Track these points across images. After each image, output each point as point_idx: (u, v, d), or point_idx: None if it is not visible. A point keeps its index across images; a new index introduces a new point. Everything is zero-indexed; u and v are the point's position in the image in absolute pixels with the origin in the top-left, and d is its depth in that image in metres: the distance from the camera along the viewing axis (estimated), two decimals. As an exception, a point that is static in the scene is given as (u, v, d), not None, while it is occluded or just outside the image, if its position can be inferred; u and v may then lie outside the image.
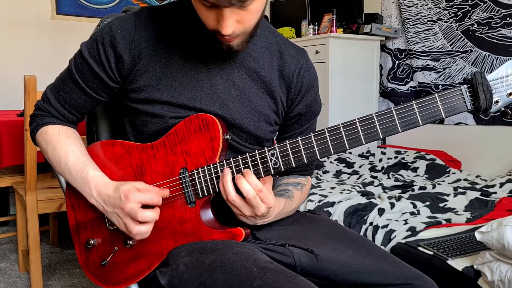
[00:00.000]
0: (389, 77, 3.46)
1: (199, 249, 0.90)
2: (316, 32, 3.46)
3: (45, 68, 3.32)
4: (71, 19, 3.58)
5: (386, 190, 2.33)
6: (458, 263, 1.48)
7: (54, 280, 2.30)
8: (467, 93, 0.81)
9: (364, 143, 0.85)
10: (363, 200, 2.09)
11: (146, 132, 0.99)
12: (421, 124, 0.82)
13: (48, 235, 2.86)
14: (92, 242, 1.01)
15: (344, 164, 3.01)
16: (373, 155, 3.14)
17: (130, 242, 0.98)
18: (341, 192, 2.24)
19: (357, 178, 2.70)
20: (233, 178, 0.91)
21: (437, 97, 0.81)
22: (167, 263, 0.93)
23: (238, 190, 0.91)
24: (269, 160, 0.90)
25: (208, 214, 0.96)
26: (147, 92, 0.96)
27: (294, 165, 0.89)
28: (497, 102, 0.80)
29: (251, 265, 0.83)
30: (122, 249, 0.99)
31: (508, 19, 2.70)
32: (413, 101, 0.82)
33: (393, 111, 0.83)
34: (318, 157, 0.87)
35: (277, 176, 1.18)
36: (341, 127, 0.86)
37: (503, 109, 0.82)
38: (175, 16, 1.00)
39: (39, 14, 3.47)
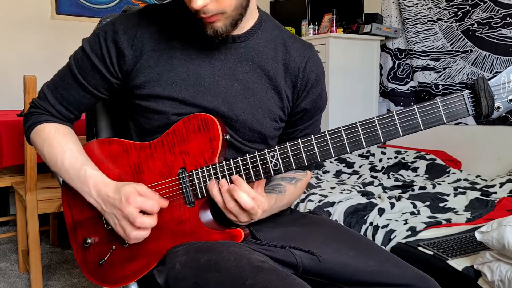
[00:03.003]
0: (389, 77, 3.46)
1: (196, 249, 0.90)
2: (316, 32, 3.46)
3: (45, 68, 3.31)
4: (71, 19, 3.58)
5: (386, 190, 2.33)
6: (458, 263, 1.48)
7: (54, 280, 2.30)
8: (469, 98, 0.81)
9: (365, 146, 0.85)
10: (363, 200, 2.09)
11: (148, 129, 0.99)
12: (422, 128, 0.82)
13: (48, 235, 2.86)
14: (89, 241, 1.01)
15: (344, 164, 3.01)
16: (373, 155, 3.14)
17: (128, 242, 0.97)
18: (341, 192, 2.24)
19: (357, 178, 2.70)
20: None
21: (439, 102, 0.81)
22: (164, 262, 0.93)
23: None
24: (269, 162, 0.89)
25: (207, 215, 0.96)
26: (149, 87, 0.96)
27: (294, 167, 0.89)
28: (498, 108, 0.80)
29: (245, 264, 0.82)
30: (120, 248, 0.99)
31: (508, 19, 2.70)
32: (415, 106, 0.82)
33: (395, 115, 0.83)
34: (319, 160, 0.87)
35: None
36: (342, 130, 0.85)
37: (504, 115, 0.83)
38: (177, 13, 1.00)
39: (39, 14, 3.47)
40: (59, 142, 0.99)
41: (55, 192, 2.15)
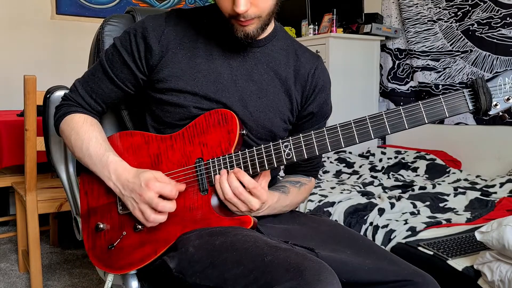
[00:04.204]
0: (389, 77, 3.46)
1: (209, 233, 0.93)
2: (316, 32, 3.46)
3: (45, 68, 3.33)
4: (71, 19, 3.58)
5: (386, 190, 2.33)
6: (458, 263, 1.48)
7: (54, 280, 2.30)
8: (469, 95, 0.88)
9: (373, 137, 0.91)
10: (363, 200, 2.09)
11: (169, 122, 1.05)
12: (426, 122, 0.89)
13: (48, 235, 2.86)
14: (101, 226, 1.05)
15: (344, 164, 3.01)
16: (373, 155, 3.14)
17: (140, 227, 1.00)
18: (341, 192, 2.24)
19: (357, 178, 2.70)
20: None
21: (441, 98, 0.89)
22: (175, 248, 0.95)
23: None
24: (282, 151, 0.95)
25: (218, 202, 1.00)
26: (172, 82, 1.02)
27: (306, 157, 0.94)
28: (496, 105, 0.88)
29: (262, 244, 0.86)
30: (130, 234, 1.02)
31: (508, 19, 2.70)
32: (419, 101, 0.89)
33: (401, 110, 0.90)
34: (329, 150, 0.93)
35: (280, 178, 1.21)
36: (352, 123, 0.91)
37: (500, 113, 0.90)
38: (201, 17, 1.08)
39: (39, 14, 3.47)
40: (86, 131, 1.06)
41: (55, 192, 2.15)
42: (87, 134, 1.05)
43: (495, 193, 2.30)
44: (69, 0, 3.56)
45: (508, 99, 0.88)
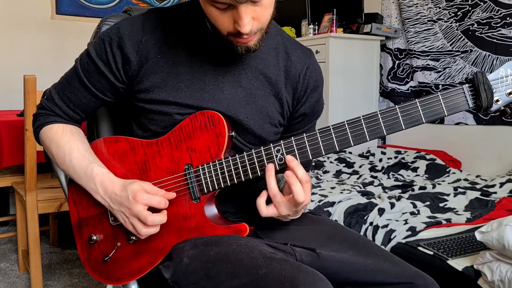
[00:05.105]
0: (389, 77, 3.46)
1: (204, 243, 0.91)
2: (316, 32, 3.46)
3: (45, 68, 3.32)
4: (71, 19, 3.58)
5: (386, 190, 2.33)
6: (458, 263, 1.48)
7: (54, 280, 2.30)
8: (469, 92, 0.84)
9: (368, 139, 0.87)
10: (363, 200, 2.09)
11: (154, 130, 1.00)
12: (424, 121, 0.85)
13: (48, 235, 2.86)
14: (94, 238, 1.02)
15: (344, 164, 3.01)
16: (373, 155, 3.14)
17: (133, 238, 0.98)
18: (341, 192, 2.24)
19: (357, 178, 2.70)
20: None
21: (439, 95, 0.84)
22: (170, 257, 0.94)
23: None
24: (274, 156, 0.91)
25: (212, 210, 0.97)
26: (154, 93, 0.97)
27: (299, 161, 0.90)
28: (497, 101, 0.83)
29: (257, 255, 0.84)
30: (125, 245, 1.00)
31: (508, 19, 2.70)
32: (416, 100, 0.84)
33: (397, 109, 0.85)
34: (323, 153, 0.89)
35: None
36: (346, 124, 0.87)
37: (502, 108, 0.85)
38: (182, 18, 1.00)
39: (39, 14, 3.47)
40: (67, 141, 1.00)
41: (55, 192, 2.15)
42: (68, 145, 0.99)
43: (495, 193, 2.30)
44: (69, 0, 3.56)
45: (510, 93, 0.83)
